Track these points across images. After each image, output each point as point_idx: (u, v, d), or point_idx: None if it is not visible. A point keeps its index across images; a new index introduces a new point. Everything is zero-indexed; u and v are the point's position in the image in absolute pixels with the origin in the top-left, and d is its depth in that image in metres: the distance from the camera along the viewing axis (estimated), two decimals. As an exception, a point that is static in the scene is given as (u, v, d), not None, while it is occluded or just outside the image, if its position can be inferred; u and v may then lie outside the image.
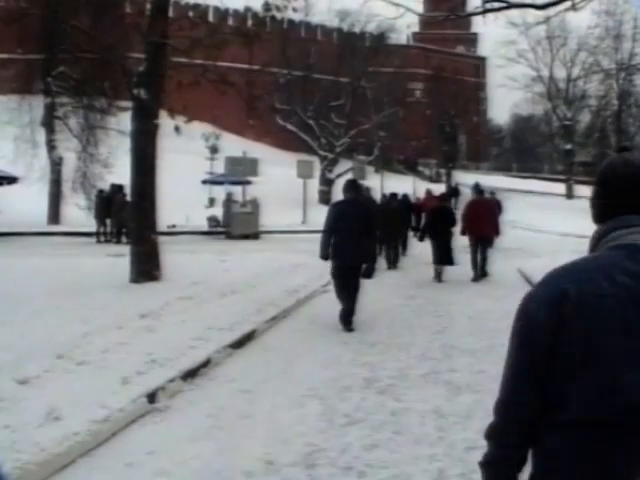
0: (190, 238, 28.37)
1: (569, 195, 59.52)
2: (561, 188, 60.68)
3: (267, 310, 11.05)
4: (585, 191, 60.69)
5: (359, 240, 9.90)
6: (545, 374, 1.93)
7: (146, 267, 13.39)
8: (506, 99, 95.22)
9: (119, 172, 25.02)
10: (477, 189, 22.72)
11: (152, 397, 6.52)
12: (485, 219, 15.90)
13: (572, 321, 1.88)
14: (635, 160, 2.03)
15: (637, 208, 1.97)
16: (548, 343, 1.91)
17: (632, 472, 1.86)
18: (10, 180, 30.17)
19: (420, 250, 18.37)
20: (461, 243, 16.64)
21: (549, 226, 34.02)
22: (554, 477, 1.93)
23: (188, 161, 46.32)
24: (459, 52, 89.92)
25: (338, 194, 48.19)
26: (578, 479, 1.88)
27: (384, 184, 39.61)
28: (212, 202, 38.26)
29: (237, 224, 28.93)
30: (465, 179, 55.27)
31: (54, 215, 31.98)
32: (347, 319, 10.19)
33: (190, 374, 7.41)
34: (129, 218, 17.53)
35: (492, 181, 48.64)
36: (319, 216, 35.67)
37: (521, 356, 1.99)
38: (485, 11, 16.58)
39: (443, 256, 15.60)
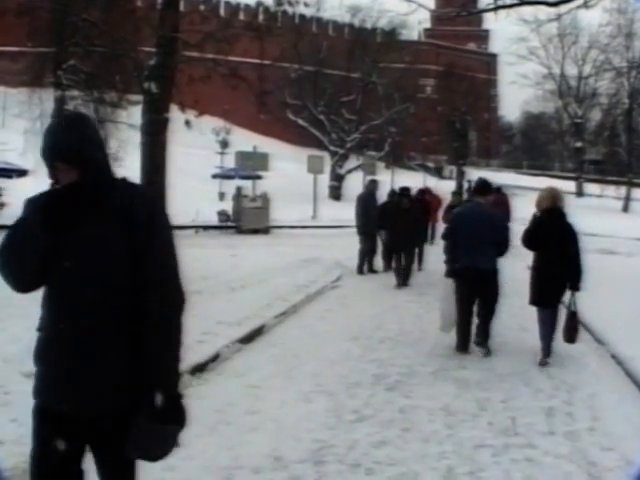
0: (200, 232, 28.36)
1: (579, 193, 59.28)
2: (571, 186, 60.38)
3: (276, 305, 11.04)
4: (595, 189, 60.56)
5: (108, 350, 2.81)
6: (456, 243, 8.64)
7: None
8: (517, 96, 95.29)
9: (129, 166, 24.95)
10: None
11: (160, 391, 6.48)
12: None
13: (460, 222, 8.76)
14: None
15: (480, 192, 8.89)
16: (456, 229, 8.76)
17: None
18: (20, 173, 30.25)
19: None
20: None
21: (559, 224, 33.79)
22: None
23: (198, 155, 46.31)
24: (470, 49, 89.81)
25: (348, 190, 47.76)
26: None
27: (394, 180, 39.55)
28: (222, 196, 38.27)
29: (247, 219, 28.88)
30: (475, 176, 55.17)
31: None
32: None
33: (198, 369, 7.38)
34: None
35: (502, 178, 48.46)
36: (329, 211, 35.56)
37: (450, 235, 8.86)
38: (497, 8, 16.50)
39: None
